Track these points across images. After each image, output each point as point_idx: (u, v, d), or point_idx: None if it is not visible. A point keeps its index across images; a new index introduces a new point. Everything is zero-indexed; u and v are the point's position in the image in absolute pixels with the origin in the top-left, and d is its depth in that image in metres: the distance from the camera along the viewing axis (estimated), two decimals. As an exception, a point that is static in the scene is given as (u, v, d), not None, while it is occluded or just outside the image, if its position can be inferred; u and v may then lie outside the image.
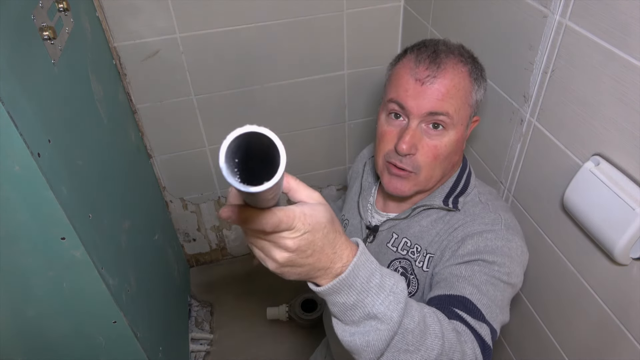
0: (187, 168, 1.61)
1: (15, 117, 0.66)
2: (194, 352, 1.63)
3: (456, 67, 0.74)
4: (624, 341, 0.75)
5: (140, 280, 1.15)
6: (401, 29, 1.44)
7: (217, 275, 1.94)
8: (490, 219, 0.78)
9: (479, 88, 0.78)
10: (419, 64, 0.74)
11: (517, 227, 0.80)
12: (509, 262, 0.73)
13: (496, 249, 0.74)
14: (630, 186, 0.66)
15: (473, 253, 0.74)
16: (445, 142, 0.76)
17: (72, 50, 0.96)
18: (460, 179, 0.86)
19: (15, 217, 0.75)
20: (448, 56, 0.75)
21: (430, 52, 0.75)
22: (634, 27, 0.62)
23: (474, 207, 0.82)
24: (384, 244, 0.88)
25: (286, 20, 1.35)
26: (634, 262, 0.70)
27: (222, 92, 1.45)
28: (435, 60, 0.74)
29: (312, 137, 1.65)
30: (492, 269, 0.72)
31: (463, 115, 0.76)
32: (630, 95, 0.64)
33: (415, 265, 0.83)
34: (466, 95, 0.75)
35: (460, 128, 0.77)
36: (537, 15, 0.80)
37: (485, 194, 0.85)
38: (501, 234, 0.76)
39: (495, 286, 0.71)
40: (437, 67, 0.73)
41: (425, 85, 0.73)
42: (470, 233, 0.76)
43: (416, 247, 0.83)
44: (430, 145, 0.76)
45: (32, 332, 0.94)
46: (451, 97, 0.73)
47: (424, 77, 0.73)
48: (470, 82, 0.76)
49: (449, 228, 0.81)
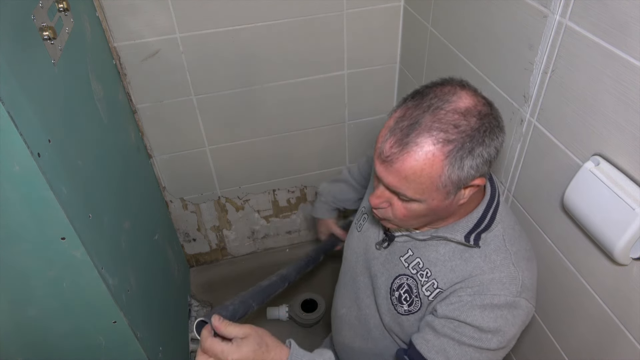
0: (187, 168, 1.61)
1: (15, 117, 0.66)
2: (194, 352, 1.63)
3: (424, 151, 0.65)
4: (624, 341, 0.75)
5: (140, 280, 1.15)
6: (401, 29, 1.44)
7: (217, 275, 1.94)
8: (508, 279, 0.75)
9: (461, 164, 0.66)
10: (390, 135, 0.67)
11: (533, 283, 0.78)
12: (508, 335, 0.75)
13: (497, 328, 0.74)
14: (630, 186, 0.66)
15: (471, 326, 0.74)
16: (416, 207, 0.72)
17: (72, 50, 0.96)
18: (486, 215, 0.78)
19: (15, 217, 0.75)
20: (421, 136, 0.65)
21: (406, 124, 0.66)
22: (634, 27, 0.62)
23: (497, 252, 0.77)
24: (397, 256, 0.86)
25: (286, 20, 1.35)
26: (634, 262, 0.70)
27: (222, 92, 1.45)
28: (402, 140, 0.66)
29: (312, 137, 1.65)
30: (486, 344, 0.74)
31: (431, 195, 0.69)
32: (630, 95, 0.64)
33: (421, 290, 0.81)
34: (432, 180, 0.67)
35: (433, 202, 0.70)
36: (537, 15, 0.80)
37: (509, 232, 0.79)
38: (512, 303, 0.74)
39: (481, 355, 0.75)
40: (401, 150, 0.66)
41: (385, 164, 0.68)
42: (483, 293, 0.74)
43: (427, 271, 0.81)
44: (400, 206, 0.73)
45: (32, 332, 0.94)
46: (409, 182, 0.67)
47: (385, 155, 0.68)
48: (440, 167, 0.65)
49: (464, 271, 0.77)
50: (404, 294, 0.84)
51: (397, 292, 0.85)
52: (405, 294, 0.84)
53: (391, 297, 0.86)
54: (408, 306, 0.84)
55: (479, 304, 0.74)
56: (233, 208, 1.81)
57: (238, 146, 1.60)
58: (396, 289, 0.85)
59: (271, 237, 1.97)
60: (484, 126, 0.66)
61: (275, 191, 1.81)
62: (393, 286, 0.86)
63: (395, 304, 0.86)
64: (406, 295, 0.84)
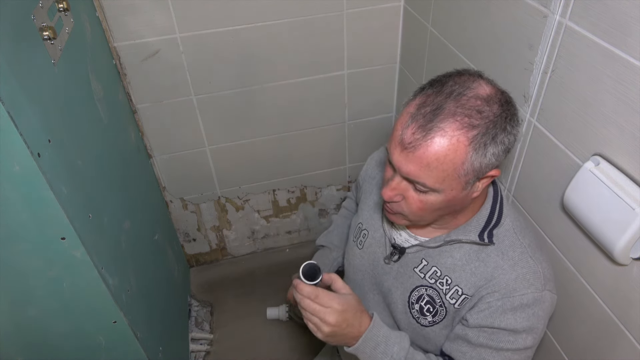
0: (187, 168, 1.61)
1: (15, 117, 0.66)
2: (194, 352, 1.64)
3: (448, 136, 0.64)
4: (624, 341, 0.75)
5: (140, 280, 1.15)
6: (401, 29, 1.44)
7: (217, 275, 1.94)
8: (531, 275, 0.75)
9: (485, 151, 0.66)
10: (412, 121, 0.66)
11: (551, 272, 0.78)
12: (540, 329, 0.76)
13: (530, 326, 0.74)
14: (630, 186, 0.66)
15: (506, 331, 0.74)
16: (432, 199, 0.70)
17: (72, 50, 0.96)
18: (494, 210, 0.79)
19: (15, 217, 0.75)
20: (445, 121, 0.64)
21: (429, 110, 0.65)
22: (634, 27, 0.62)
23: (512, 248, 0.77)
24: (411, 268, 0.84)
25: (286, 20, 1.35)
26: (634, 262, 0.70)
27: (222, 92, 1.45)
28: (426, 125, 0.64)
29: (312, 137, 1.65)
30: (522, 344, 0.75)
31: (450, 184, 0.68)
32: (630, 95, 0.64)
33: (445, 299, 0.80)
34: (454, 168, 0.66)
35: (450, 192, 0.69)
36: (537, 15, 0.80)
37: (517, 225, 0.79)
38: (539, 299, 0.74)
39: (520, 355, 0.76)
40: (424, 135, 0.64)
41: (406, 151, 0.66)
42: (511, 295, 0.74)
43: (446, 279, 0.79)
44: (415, 199, 0.71)
45: (32, 332, 0.94)
46: (430, 170, 0.66)
47: (407, 142, 0.66)
48: (464, 153, 0.65)
49: (485, 272, 0.76)
50: (425, 305, 0.82)
51: (417, 304, 0.83)
52: (427, 305, 0.82)
53: (411, 311, 0.84)
54: (432, 317, 0.82)
55: (509, 307, 0.73)
56: (233, 208, 1.81)
57: (238, 146, 1.60)
58: (415, 302, 0.83)
59: (271, 237, 1.98)
60: (505, 113, 0.66)
61: (275, 191, 1.81)
62: (411, 299, 0.84)
63: (417, 317, 0.84)
64: (429, 307, 0.82)
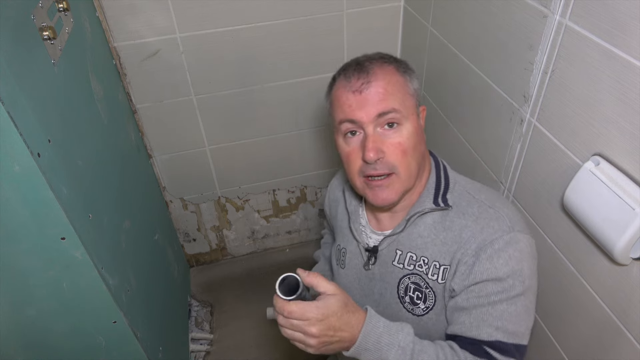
0: (187, 168, 1.61)
1: (15, 117, 0.66)
2: (194, 352, 1.64)
3: (382, 67, 0.79)
4: (624, 341, 0.75)
5: (140, 280, 1.15)
6: (401, 29, 1.44)
7: (217, 275, 1.94)
8: (495, 221, 0.77)
9: (412, 78, 0.82)
10: (350, 78, 0.79)
11: (517, 215, 0.80)
12: (524, 272, 0.75)
13: (511, 270, 0.74)
14: (630, 186, 0.66)
15: (489, 281, 0.74)
16: (406, 135, 0.78)
17: (72, 50, 0.96)
18: (439, 176, 0.86)
19: (15, 217, 0.75)
20: (371, 62, 0.80)
21: (354, 65, 0.80)
22: (634, 27, 0.62)
23: (470, 205, 0.81)
24: (390, 263, 0.86)
25: (286, 20, 1.35)
26: (634, 262, 0.70)
27: (222, 92, 1.45)
28: (362, 69, 0.78)
29: (312, 138, 1.65)
30: (512, 291, 0.74)
31: (409, 105, 0.80)
32: (630, 95, 0.64)
33: (428, 278, 0.81)
34: (404, 87, 0.79)
35: (412, 118, 0.80)
36: (537, 15, 0.80)
37: (470, 187, 0.85)
38: (510, 240, 0.75)
39: (516, 304, 0.74)
40: (367, 74, 0.78)
41: (364, 93, 0.77)
42: (482, 245, 0.76)
43: (423, 259, 0.82)
44: (394, 143, 0.78)
45: (32, 332, 0.94)
46: (391, 94, 0.77)
47: (359, 86, 0.77)
48: (401, 76, 0.80)
49: (454, 237, 0.79)
50: (414, 293, 0.83)
51: (406, 297, 0.84)
52: (416, 293, 0.83)
53: (404, 305, 0.85)
54: (423, 303, 0.82)
55: (484, 257, 0.75)
56: (233, 208, 1.81)
57: (238, 146, 1.60)
58: (404, 294, 0.84)
59: (271, 237, 1.98)
60: (399, 59, 0.83)
61: (275, 191, 1.81)
62: (400, 293, 0.85)
63: (410, 309, 0.84)
64: (417, 294, 0.83)
